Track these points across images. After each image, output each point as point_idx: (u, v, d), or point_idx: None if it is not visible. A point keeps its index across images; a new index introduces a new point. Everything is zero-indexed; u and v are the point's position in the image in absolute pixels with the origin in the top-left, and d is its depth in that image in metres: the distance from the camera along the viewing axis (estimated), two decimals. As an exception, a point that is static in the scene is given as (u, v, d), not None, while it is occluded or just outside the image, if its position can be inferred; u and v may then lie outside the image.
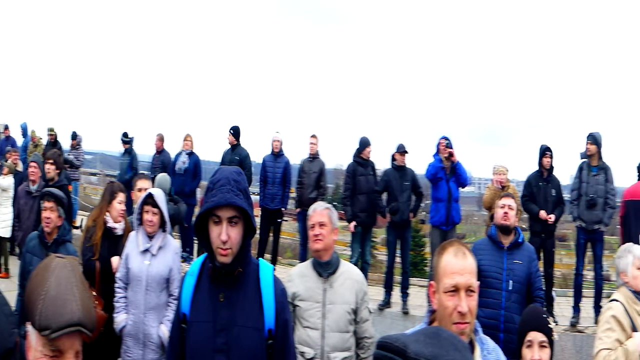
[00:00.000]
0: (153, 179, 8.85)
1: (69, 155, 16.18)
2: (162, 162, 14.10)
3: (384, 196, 11.07)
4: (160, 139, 14.45)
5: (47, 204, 6.17)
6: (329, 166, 13.57)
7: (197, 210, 12.85)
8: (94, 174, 41.70)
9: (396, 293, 11.18)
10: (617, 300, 4.88)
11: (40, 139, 17.17)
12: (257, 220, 11.31)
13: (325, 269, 4.85)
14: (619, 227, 11.00)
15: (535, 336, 3.66)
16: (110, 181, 7.99)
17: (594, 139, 9.94)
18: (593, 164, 9.95)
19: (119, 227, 6.60)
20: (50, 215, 6.15)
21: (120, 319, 5.99)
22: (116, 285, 6.10)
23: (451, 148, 10.04)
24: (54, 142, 16.15)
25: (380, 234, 22.71)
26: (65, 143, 16.81)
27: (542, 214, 9.84)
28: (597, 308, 9.85)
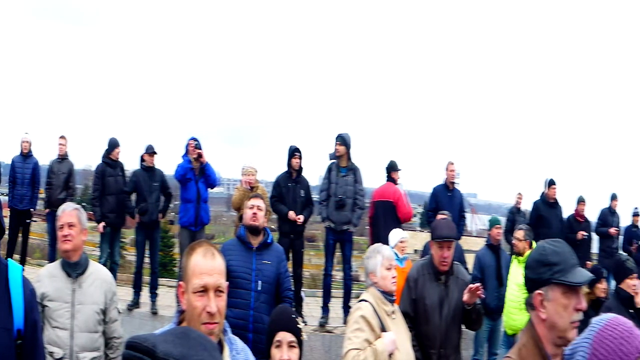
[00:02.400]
0: None
1: None
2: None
3: (133, 197, 11.10)
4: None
5: None
6: (78, 167, 13.32)
7: None
8: None
9: (145, 293, 11.20)
10: (366, 301, 5.02)
11: None
12: (6, 220, 11.19)
13: (74, 269, 4.82)
14: (368, 227, 11.59)
15: (284, 336, 3.66)
16: None
17: (342, 140, 10.35)
18: (342, 165, 10.36)
19: None
20: None
21: None
22: None
23: (200, 149, 10.07)
24: None
25: (129, 235, 22.31)
26: None
27: (291, 214, 10.10)
28: (346, 308, 10.31)
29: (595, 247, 14.42)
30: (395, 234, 9.06)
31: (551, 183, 12.92)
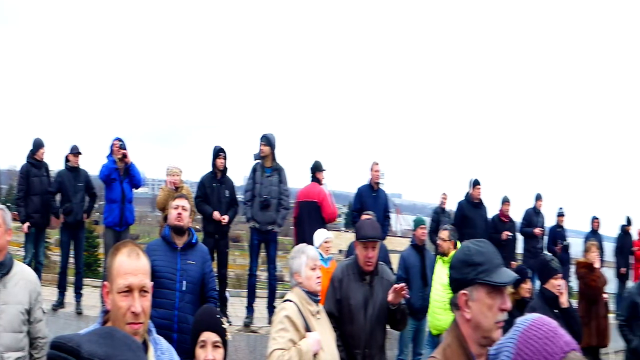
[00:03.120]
0: None
1: None
2: None
3: (58, 197, 10.96)
4: None
5: None
6: (2, 167, 13.05)
7: None
8: None
9: (70, 293, 11.08)
10: (290, 301, 5.01)
11: None
12: None
13: (-1, 269, 4.71)
14: (292, 227, 11.61)
15: (209, 336, 3.68)
16: None
17: (267, 141, 10.34)
18: (267, 165, 10.34)
19: None
20: None
21: None
22: None
23: (125, 149, 9.99)
24: None
25: (54, 235, 22.05)
26: None
27: (216, 214, 10.08)
28: (271, 308, 10.29)
29: (520, 247, 14.53)
30: (320, 234, 9.09)
31: (476, 183, 13.02)
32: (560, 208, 15.23)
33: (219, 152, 10.38)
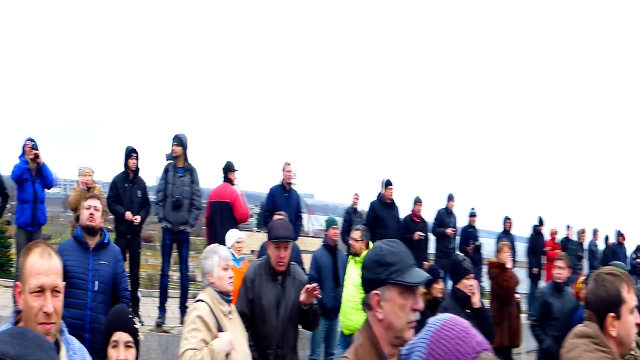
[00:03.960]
0: None
1: None
2: None
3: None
4: None
5: None
6: None
7: None
8: None
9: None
10: (202, 301, 5.02)
11: None
12: None
13: None
14: (204, 228, 11.56)
15: (121, 336, 3.66)
16: None
17: (179, 141, 10.29)
18: (179, 166, 10.29)
19: None
20: None
21: None
22: None
23: (37, 149, 9.81)
24: None
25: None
26: None
27: (128, 215, 9.98)
28: (183, 308, 10.24)
29: (432, 248, 14.42)
30: (232, 235, 9.08)
31: (388, 183, 12.96)
32: (472, 208, 15.21)
33: (131, 153, 10.26)
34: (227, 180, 10.92)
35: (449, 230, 14.07)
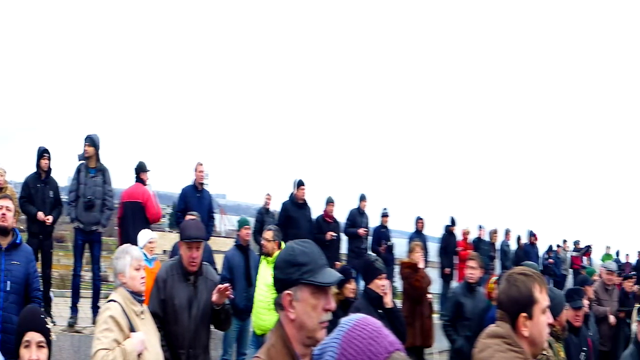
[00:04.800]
0: None
1: None
2: None
3: None
4: None
5: None
6: None
7: None
8: None
9: None
10: (115, 301, 4.99)
11: None
12: None
13: None
14: (117, 228, 11.47)
15: (33, 336, 3.65)
16: None
17: (91, 141, 10.20)
18: (91, 166, 10.19)
19: None
20: None
21: None
22: None
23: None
24: None
25: None
26: None
27: (40, 215, 9.80)
28: (95, 309, 10.13)
29: (344, 248, 14.27)
30: (144, 235, 9.06)
31: (300, 184, 12.85)
32: (385, 208, 15.10)
33: (43, 153, 10.09)
34: (140, 180, 10.88)
35: (361, 231, 13.96)
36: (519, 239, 19.12)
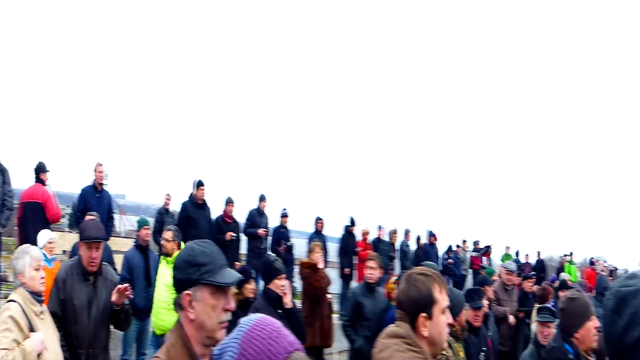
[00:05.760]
0: None
1: None
2: None
3: None
4: None
5: None
6: None
7: None
8: None
9: None
10: (14, 301, 4.93)
11: None
12: None
13: None
14: (16, 228, 11.24)
15: None
16: None
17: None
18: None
19: None
20: None
21: None
22: None
23: None
24: None
25: None
26: None
27: None
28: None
29: (243, 248, 14.27)
30: (44, 235, 8.88)
31: (200, 184, 12.80)
32: (284, 209, 15.11)
33: None
34: (39, 180, 10.70)
35: (261, 231, 13.94)
36: (418, 239, 19.28)
